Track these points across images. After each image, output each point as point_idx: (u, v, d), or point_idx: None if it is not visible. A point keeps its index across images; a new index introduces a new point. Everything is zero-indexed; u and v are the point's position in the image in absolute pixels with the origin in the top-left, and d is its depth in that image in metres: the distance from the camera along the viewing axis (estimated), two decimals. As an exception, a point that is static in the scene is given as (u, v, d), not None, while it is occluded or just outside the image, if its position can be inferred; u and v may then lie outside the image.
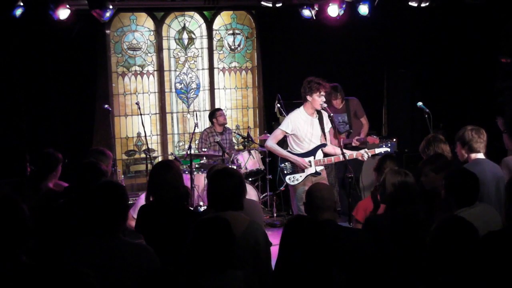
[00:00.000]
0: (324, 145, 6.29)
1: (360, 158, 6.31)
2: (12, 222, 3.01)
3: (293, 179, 6.27)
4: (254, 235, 3.71)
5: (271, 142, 6.38)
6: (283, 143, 6.53)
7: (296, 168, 6.27)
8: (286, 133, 6.29)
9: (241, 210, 3.80)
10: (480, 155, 4.90)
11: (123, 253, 3.25)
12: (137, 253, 3.28)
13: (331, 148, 6.37)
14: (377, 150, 6.33)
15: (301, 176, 6.25)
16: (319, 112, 6.27)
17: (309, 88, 6.14)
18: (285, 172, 6.32)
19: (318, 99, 6.12)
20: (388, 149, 6.38)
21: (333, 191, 4.19)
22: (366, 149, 6.41)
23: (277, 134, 6.38)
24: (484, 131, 4.95)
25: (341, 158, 6.12)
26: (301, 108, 6.31)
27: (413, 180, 3.95)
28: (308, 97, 6.18)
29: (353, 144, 7.46)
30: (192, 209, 5.38)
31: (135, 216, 4.24)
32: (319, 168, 6.29)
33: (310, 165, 6.24)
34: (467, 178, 3.96)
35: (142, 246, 3.47)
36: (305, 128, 6.25)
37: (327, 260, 2.98)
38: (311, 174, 6.25)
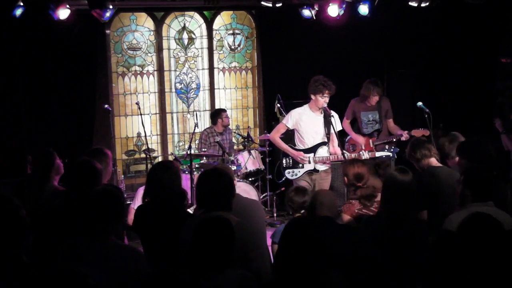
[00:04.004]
0: (324, 143, 6.34)
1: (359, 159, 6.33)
2: (9, 222, 3.01)
3: (292, 174, 6.40)
4: (240, 236, 3.69)
5: (274, 135, 6.62)
6: (289, 139, 6.61)
7: (296, 163, 6.35)
8: (288, 127, 6.44)
9: (230, 210, 3.76)
10: None
11: (112, 255, 3.26)
12: (126, 256, 3.30)
13: (332, 149, 6.42)
14: (378, 154, 6.35)
15: (299, 172, 6.36)
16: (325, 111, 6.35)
17: (314, 87, 6.29)
18: (285, 165, 6.46)
19: (321, 100, 6.26)
20: (390, 154, 6.37)
21: (335, 198, 4.35)
22: (366, 151, 6.44)
23: (279, 127, 6.60)
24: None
25: (339, 158, 6.19)
26: (306, 105, 6.46)
27: (410, 180, 3.94)
28: (312, 96, 6.32)
29: (404, 139, 7.21)
30: (189, 211, 5.38)
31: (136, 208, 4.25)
32: (319, 166, 6.32)
33: (309, 161, 6.30)
34: (486, 174, 4.03)
35: (132, 248, 3.48)
36: (308, 124, 6.34)
37: (325, 261, 2.98)
38: (310, 171, 6.30)
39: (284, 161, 6.46)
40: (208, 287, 3.01)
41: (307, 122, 6.35)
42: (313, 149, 6.34)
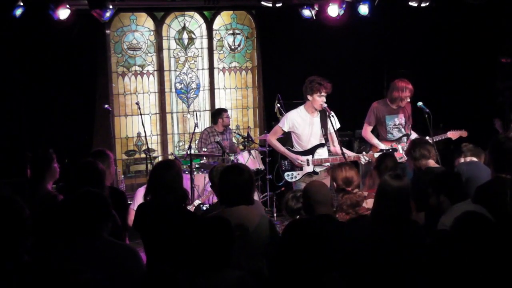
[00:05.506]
0: (322, 144, 6.33)
1: (358, 161, 6.36)
2: (13, 221, 3.03)
3: (291, 176, 6.38)
4: (266, 229, 3.79)
5: (271, 138, 6.59)
6: (287, 140, 6.60)
7: (295, 166, 6.35)
8: (283, 130, 6.42)
9: (252, 204, 3.87)
10: (474, 158, 5.17)
11: (106, 253, 3.29)
12: (121, 254, 3.33)
13: (333, 148, 6.42)
14: (377, 155, 6.32)
15: (298, 174, 6.34)
16: (322, 111, 6.30)
17: (310, 88, 6.21)
18: (283, 168, 6.44)
19: (318, 99, 6.20)
20: None
21: (329, 188, 4.33)
22: (364, 153, 6.42)
23: (276, 130, 6.57)
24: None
25: (340, 158, 6.17)
26: (302, 107, 6.39)
27: (406, 183, 3.93)
28: (309, 97, 6.26)
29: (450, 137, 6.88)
30: (191, 210, 5.39)
31: (135, 208, 4.27)
32: (317, 168, 6.32)
33: (308, 164, 6.29)
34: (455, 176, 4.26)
35: (127, 246, 3.53)
36: (304, 127, 6.31)
37: (326, 261, 2.99)
38: (309, 173, 6.30)
39: (282, 163, 6.44)
40: (206, 286, 3.02)
41: (304, 124, 6.31)
42: (311, 151, 6.32)
